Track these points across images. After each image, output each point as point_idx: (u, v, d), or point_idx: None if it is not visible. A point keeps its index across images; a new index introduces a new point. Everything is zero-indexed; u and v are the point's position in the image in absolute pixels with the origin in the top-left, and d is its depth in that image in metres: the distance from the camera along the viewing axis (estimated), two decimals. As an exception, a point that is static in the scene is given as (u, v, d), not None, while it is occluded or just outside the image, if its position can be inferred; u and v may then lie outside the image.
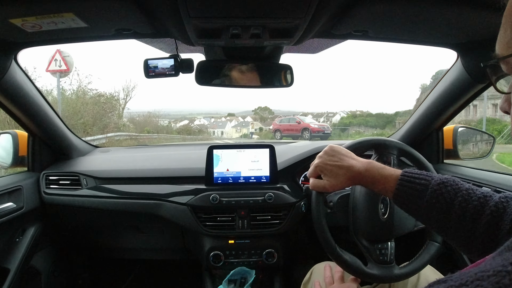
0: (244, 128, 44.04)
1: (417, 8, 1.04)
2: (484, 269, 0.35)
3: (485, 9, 1.00)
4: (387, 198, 1.24)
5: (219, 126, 47.03)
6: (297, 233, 1.88)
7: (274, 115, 48.09)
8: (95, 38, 1.33)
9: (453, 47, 1.41)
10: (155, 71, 1.38)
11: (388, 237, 1.25)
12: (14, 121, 1.66)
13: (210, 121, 51.86)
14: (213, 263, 1.71)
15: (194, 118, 52.29)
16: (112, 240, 2.07)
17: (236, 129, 44.30)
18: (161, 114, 26.75)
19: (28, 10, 0.99)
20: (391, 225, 1.26)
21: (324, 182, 1.05)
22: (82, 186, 1.77)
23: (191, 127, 34.72)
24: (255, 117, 50.79)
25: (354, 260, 1.16)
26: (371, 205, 1.26)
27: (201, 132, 32.79)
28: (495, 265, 0.35)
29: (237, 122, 49.77)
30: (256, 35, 1.13)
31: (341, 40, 1.42)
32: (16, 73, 1.43)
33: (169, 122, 32.79)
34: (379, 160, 1.26)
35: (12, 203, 1.59)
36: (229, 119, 52.15)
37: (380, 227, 1.24)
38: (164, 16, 1.09)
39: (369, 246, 1.23)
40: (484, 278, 0.34)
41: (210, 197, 1.63)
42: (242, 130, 43.47)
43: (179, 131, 27.90)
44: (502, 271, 0.34)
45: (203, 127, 39.75)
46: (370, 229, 1.25)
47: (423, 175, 0.91)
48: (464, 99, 1.59)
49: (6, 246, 1.62)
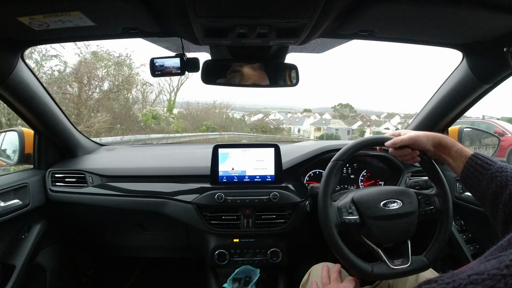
0: (325, 125, 38.74)
1: (423, 9, 1.04)
2: (478, 272, 0.35)
3: (491, 10, 1.00)
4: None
5: (296, 122, 42.42)
6: (301, 232, 1.88)
7: (356, 113, 45.13)
8: (101, 37, 1.33)
9: (458, 47, 1.40)
10: (161, 69, 1.39)
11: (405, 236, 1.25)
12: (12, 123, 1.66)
13: (286, 116, 46.72)
14: (217, 261, 1.72)
15: (269, 112, 47.49)
16: (117, 238, 2.08)
17: (315, 127, 39.16)
18: (233, 106, 22.32)
19: (36, 9, 1.00)
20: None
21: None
22: (87, 183, 1.78)
23: (266, 122, 31.04)
24: (334, 114, 46.83)
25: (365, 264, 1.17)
26: (378, 203, 1.24)
27: (278, 130, 27.76)
28: (490, 268, 0.34)
29: (315, 118, 45.14)
30: (263, 34, 1.13)
31: (347, 40, 1.42)
32: (23, 71, 1.44)
33: (243, 115, 28.82)
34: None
35: (18, 200, 1.60)
36: (306, 115, 47.22)
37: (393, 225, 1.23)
38: (171, 15, 1.09)
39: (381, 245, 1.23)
40: (478, 282, 0.33)
41: (215, 195, 1.64)
42: (321, 129, 38.13)
43: (252, 127, 24.52)
44: (497, 274, 0.33)
45: (279, 122, 34.71)
46: (382, 228, 1.23)
47: (487, 159, 0.98)
48: (469, 100, 1.58)
49: (12, 243, 1.62)
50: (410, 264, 1.19)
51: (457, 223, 1.71)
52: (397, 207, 1.23)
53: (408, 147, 1.17)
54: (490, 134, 2.01)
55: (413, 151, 1.18)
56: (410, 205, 1.24)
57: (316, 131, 32.80)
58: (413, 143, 1.15)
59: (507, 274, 0.33)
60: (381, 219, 1.22)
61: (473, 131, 1.95)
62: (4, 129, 1.85)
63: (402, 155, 1.20)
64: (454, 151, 1.06)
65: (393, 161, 1.89)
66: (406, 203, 1.24)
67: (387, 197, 1.26)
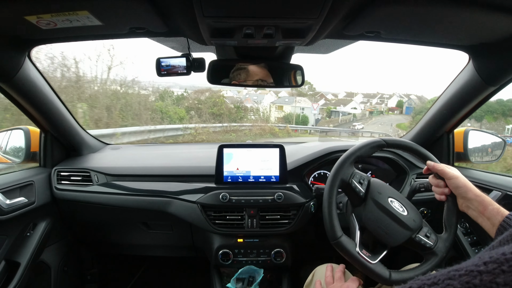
0: (288, 104, 32.42)
1: (429, 10, 1.04)
2: (457, 268, 0.35)
3: (497, 12, 1.00)
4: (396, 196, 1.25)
5: (254, 100, 31.62)
6: (306, 233, 1.87)
7: (315, 91, 41.52)
8: (108, 37, 1.34)
9: (464, 49, 1.40)
10: (167, 69, 1.39)
11: (419, 224, 1.22)
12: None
13: (240, 94, 35.78)
14: (221, 261, 1.72)
15: (220, 90, 38.47)
16: (121, 237, 2.09)
17: (276, 105, 31.55)
18: (178, 83, 16.64)
19: (43, 8, 1.00)
20: (414, 213, 1.24)
21: None
22: (93, 182, 1.79)
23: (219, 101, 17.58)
24: (291, 92, 41.11)
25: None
26: (387, 212, 1.22)
27: (239, 110, 16.59)
28: (469, 264, 0.34)
29: (272, 96, 38.65)
30: (269, 35, 1.13)
31: (353, 41, 1.42)
32: (29, 70, 1.45)
33: (185, 90, 16.61)
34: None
35: (23, 198, 1.61)
36: (262, 93, 39.26)
37: (409, 221, 1.21)
38: (178, 15, 1.10)
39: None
40: (455, 278, 0.34)
41: (220, 195, 1.64)
42: (283, 107, 31.43)
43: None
44: (474, 271, 0.33)
45: (233, 100, 20.43)
46: (402, 230, 1.20)
47: None
48: (475, 102, 1.58)
49: (17, 241, 1.63)
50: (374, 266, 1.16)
51: (462, 225, 1.71)
52: (400, 212, 1.21)
53: (443, 180, 1.16)
54: (497, 136, 2.00)
55: (445, 187, 1.16)
56: (411, 221, 1.21)
57: (278, 111, 26.82)
58: (451, 179, 1.13)
59: (484, 270, 0.33)
60: (380, 208, 1.21)
61: (479, 133, 1.93)
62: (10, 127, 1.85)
63: (435, 183, 1.19)
64: (490, 209, 1.03)
65: (398, 163, 1.88)
66: (409, 217, 1.21)
67: (398, 198, 1.26)
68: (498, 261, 0.33)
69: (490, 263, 0.33)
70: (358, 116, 35.77)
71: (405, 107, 41.79)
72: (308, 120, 25.90)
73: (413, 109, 40.02)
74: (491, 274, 0.32)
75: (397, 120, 36.60)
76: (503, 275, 0.32)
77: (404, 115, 40.28)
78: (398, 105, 42.17)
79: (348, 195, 1.29)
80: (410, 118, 36.71)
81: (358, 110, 36.68)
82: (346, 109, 34.46)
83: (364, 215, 1.22)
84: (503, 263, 0.33)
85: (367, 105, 40.46)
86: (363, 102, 39.98)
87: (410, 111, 40.23)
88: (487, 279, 0.32)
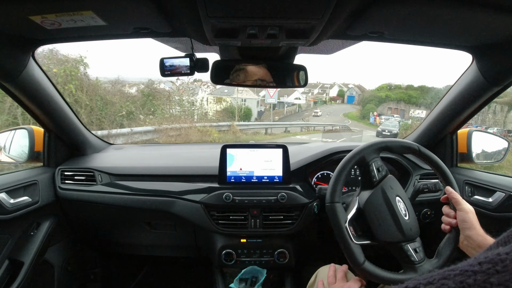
0: (228, 95, 29.03)
1: (432, 10, 1.03)
2: (453, 268, 0.35)
3: (501, 12, 0.99)
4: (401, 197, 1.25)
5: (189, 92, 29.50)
6: (309, 234, 1.87)
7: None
8: (113, 37, 1.34)
9: (468, 49, 1.39)
10: (171, 69, 1.39)
11: (414, 236, 1.22)
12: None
13: (173, 86, 30.39)
14: (225, 261, 1.72)
15: (153, 82, 34.67)
16: (124, 236, 2.09)
17: (214, 97, 23.73)
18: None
19: (47, 8, 1.00)
20: (415, 223, 1.24)
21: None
22: (96, 182, 1.80)
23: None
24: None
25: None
26: (390, 207, 1.22)
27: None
28: (465, 264, 0.34)
29: (208, 88, 36.29)
30: (273, 35, 1.13)
31: (356, 41, 1.42)
32: (34, 70, 1.45)
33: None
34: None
35: (27, 197, 1.62)
36: (197, 85, 36.47)
37: (406, 227, 1.20)
38: (182, 16, 1.10)
39: (398, 248, 1.20)
40: (450, 277, 0.34)
41: (223, 195, 1.64)
42: (222, 100, 26.86)
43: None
44: (469, 270, 0.33)
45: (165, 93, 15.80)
46: (395, 230, 1.20)
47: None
48: (479, 102, 1.57)
49: (20, 240, 1.64)
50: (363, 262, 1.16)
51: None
52: (402, 214, 1.21)
53: (454, 211, 1.16)
54: (500, 137, 1.99)
55: (453, 219, 1.16)
56: (408, 229, 1.20)
57: (216, 103, 22.21)
58: (461, 211, 1.12)
59: (478, 270, 0.33)
60: (385, 201, 1.22)
61: (483, 134, 1.92)
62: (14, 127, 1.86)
63: (446, 212, 1.19)
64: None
65: (401, 164, 1.88)
66: (408, 224, 1.21)
67: (406, 202, 1.26)
68: (492, 261, 0.33)
69: (484, 263, 0.33)
70: (303, 107, 35.96)
71: (346, 96, 42.79)
72: (251, 113, 24.17)
73: (354, 98, 41.02)
74: (485, 274, 0.32)
75: (343, 110, 37.62)
76: (497, 275, 0.32)
77: (346, 104, 41.20)
78: (339, 95, 43.25)
79: (362, 175, 1.32)
80: (353, 108, 37.57)
81: (303, 101, 36.60)
82: (290, 100, 34.17)
83: (368, 199, 1.23)
84: (497, 263, 0.33)
85: (309, 95, 40.66)
86: (305, 93, 40.03)
87: (352, 100, 40.98)
88: (481, 279, 0.32)
